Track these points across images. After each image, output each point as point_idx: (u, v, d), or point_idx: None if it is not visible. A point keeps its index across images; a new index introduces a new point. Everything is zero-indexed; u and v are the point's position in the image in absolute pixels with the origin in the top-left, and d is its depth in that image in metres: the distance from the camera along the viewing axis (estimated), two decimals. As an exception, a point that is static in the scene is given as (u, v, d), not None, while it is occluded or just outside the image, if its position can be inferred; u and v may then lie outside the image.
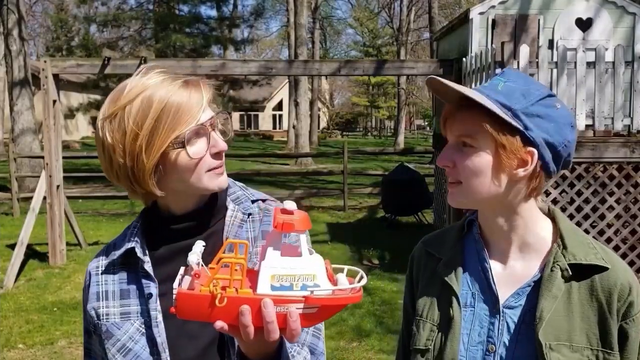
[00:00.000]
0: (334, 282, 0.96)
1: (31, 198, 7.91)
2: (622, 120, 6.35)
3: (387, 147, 28.07)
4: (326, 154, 18.54)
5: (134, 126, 1.09)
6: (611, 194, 6.23)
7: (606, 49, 6.33)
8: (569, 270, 1.10)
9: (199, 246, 0.98)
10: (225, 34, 20.97)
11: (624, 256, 6.22)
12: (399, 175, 10.51)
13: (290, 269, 0.92)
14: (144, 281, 1.19)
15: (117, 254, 1.23)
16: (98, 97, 23.21)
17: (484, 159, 1.10)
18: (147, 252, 1.21)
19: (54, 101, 7.61)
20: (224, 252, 0.93)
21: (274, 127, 49.97)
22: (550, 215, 1.20)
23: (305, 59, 21.62)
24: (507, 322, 1.14)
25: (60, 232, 7.73)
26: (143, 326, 1.18)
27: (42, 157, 8.14)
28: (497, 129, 1.07)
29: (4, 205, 12.36)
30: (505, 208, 1.15)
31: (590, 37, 7.56)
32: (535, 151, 1.08)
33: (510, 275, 1.17)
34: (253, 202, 1.28)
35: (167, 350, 1.17)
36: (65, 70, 7.81)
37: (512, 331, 1.13)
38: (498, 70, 1.27)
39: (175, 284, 0.95)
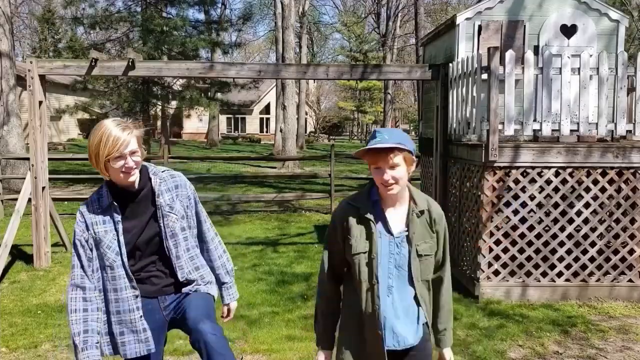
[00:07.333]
0: None
1: (16, 199, 7.82)
2: (606, 126, 6.44)
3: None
4: (315, 157, 18.60)
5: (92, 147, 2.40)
6: (595, 198, 6.31)
7: (590, 55, 6.42)
8: (418, 212, 2.33)
9: None
10: (214, 37, 20.90)
11: (607, 260, 6.31)
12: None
13: None
14: (114, 215, 2.45)
15: (103, 205, 2.46)
16: (85, 99, 23.02)
17: (404, 170, 2.22)
18: (114, 202, 2.47)
19: (40, 102, 7.56)
20: None
21: (261, 131, 49.90)
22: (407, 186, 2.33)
23: (296, 62, 21.65)
24: (397, 239, 2.31)
25: (46, 234, 7.67)
26: (115, 235, 2.44)
27: (28, 159, 8.06)
28: (405, 155, 2.21)
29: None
30: (404, 186, 2.30)
31: (574, 43, 7.66)
32: (415, 158, 2.24)
33: (395, 217, 2.34)
34: (162, 171, 2.57)
35: (124, 247, 2.45)
36: (51, 71, 7.75)
37: (400, 242, 2.31)
38: (376, 128, 2.40)
39: None
